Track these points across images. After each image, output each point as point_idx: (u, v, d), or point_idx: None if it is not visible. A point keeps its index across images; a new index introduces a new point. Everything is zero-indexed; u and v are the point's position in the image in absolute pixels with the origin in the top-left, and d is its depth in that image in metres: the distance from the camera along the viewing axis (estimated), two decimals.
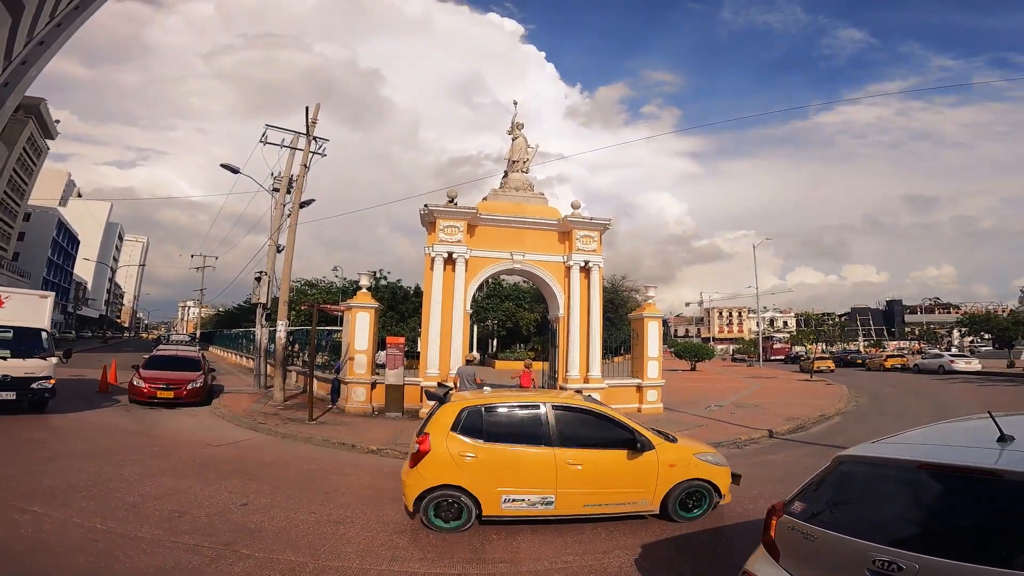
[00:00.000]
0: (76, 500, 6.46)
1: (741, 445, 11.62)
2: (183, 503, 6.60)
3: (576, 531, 6.13)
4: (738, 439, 11.90)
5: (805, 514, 3.05)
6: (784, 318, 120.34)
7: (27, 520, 5.70)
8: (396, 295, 36.84)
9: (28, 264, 70.36)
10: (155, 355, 18.05)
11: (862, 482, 3.03)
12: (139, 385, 15.02)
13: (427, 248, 15.43)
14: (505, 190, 17.26)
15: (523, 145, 17.99)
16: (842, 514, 2.96)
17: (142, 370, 15.91)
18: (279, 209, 21.05)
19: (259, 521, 6.10)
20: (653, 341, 16.59)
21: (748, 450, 11.25)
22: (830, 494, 3.12)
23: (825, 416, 15.58)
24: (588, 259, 16.00)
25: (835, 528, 2.83)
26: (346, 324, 15.93)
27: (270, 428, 12.24)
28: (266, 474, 8.31)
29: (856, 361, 49.97)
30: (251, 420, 13.04)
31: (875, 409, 17.75)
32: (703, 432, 12.67)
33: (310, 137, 19.30)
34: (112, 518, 5.92)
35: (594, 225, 16.30)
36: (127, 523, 5.82)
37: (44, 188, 77.95)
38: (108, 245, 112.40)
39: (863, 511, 2.94)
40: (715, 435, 12.12)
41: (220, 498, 6.89)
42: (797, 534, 3.02)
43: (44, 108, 60.16)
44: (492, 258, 16.01)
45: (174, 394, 15.05)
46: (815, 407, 17.06)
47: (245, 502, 6.76)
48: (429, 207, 15.39)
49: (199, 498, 6.84)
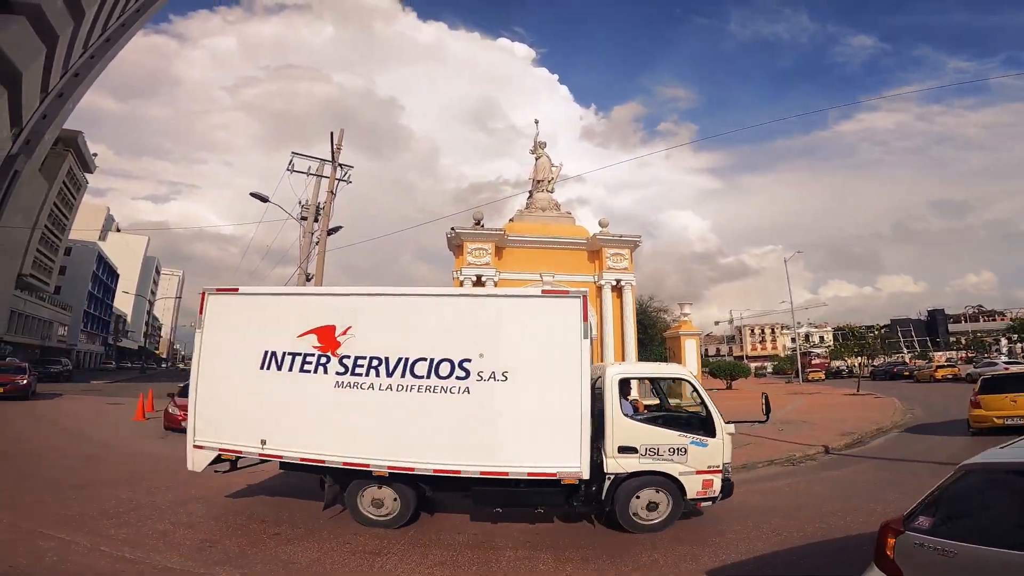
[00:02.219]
0: (105, 528, 6.32)
1: (796, 462, 11.01)
2: (213, 532, 6.41)
3: None
4: (792, 456, 11.29)
5: (936, 530, 2.80)
6: (820, 332, 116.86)
7: (52, 547, 5.58)
8: None
9: (69, 297, 73.00)
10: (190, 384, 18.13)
11: (1000, 491, 2.77)
12: (174, 413, 15.05)
13: (455, 272, 15.29)
14: (531, 210, 17.13)
15: (547, 164, 17.90)
16: (984, 526, 2.73)
17: (177, 398, 15.95)
18: (307, 237, 21.33)
19: (290, 551, 5.85)
20: (691, 359, 16.02)
21: (805, 467, 10.67)
22: (964, 505, 2.86)
23: (882, 429, 14.78)
24: (620, 278, 15.64)
25: (981, 542, 2.57)
26: None
27: None
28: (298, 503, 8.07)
29: (903, 373, 47.92)
30: None
31: (933, 421, 16.74)
32: (750, 451, 12.09)
33: (335, 163, 19.50)
34: (143, 547, 5.75)
35: (624, 242, 15.98)
36: (158, 552, 5.63)
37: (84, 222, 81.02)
38: (146, 278, 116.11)
39: (1010, 521, 2.66)
40: (764, 453, 11.54)
41: (252, 527, 6.68)
42: (929, 552, 2.75)
43: (82, 141, 62.41)
44: (522, 280, 15.75)
45: None
46: (868, 421, 16.22)
47: (277, 532, 6.53)
48: (456, 230, 15.31)
49: (230, 527, 6.65)
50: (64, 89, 49.71)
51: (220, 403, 7.11)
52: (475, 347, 6.66)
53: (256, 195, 21.50)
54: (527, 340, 6.70)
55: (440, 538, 6.47)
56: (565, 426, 6.44)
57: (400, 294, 7.27)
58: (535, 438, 6.50)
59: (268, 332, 7.12)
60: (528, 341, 6.68)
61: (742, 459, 11.07)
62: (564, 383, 6.53)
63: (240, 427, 7.02)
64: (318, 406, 6.81)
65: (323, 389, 6.77)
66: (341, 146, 19.93)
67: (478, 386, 6.56)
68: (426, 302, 7.28)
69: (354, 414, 6.72)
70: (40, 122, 49.28)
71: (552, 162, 18.07)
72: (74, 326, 75.07)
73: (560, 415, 6.48)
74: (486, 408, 6.53)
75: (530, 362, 6.63)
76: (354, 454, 6.59)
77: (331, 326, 6.92)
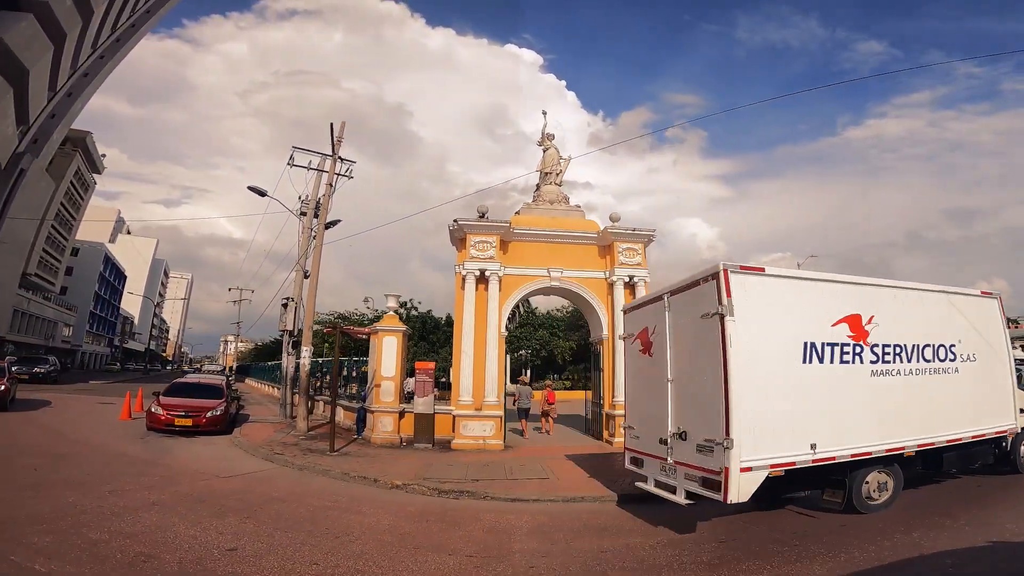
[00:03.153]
0: (28, 535, 5.40)
1: None
2: (157, 545, 5.47)
3: None
4: None
5: None
6: None
7: None
8: (427, 325, 35.94)
9: (75, 298, 72.78)
10: (176, 382, 17.31)
11: None
12: (156, 412, 14.22)
13: (457, 266, 14.38)
14: (538, 203, 16.21)
15: (555, 156, 17.02)
16: None
17: (162, 397, 15.16)
18: (306, 233, 20.62)
19: (242, 572, 4.90)
20: None
21: None
22: None
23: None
24: (632, 274, 14.66)
25: None
26: (372, 349, 14.89)
27: (287, 459, 11.11)
28: (269, 512, 7.12)
29: None
30: (268, 451, 11.97)
31: None
32: None
33: (335, 156, 18.77)
34: (62, 558, 4.83)
35: (637, 237, 15.01)
36: (78, 565, 4.71)
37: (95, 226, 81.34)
38: (154, 281, 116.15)
39: None
40: None
41: (205, 540, 5.73)
42: None
43: (90, 141, 62.18)
44: (528, 276, 14.84)
45: (192, 422, 14.19)
46: None
47: (234, 547, 5.57)
48: (459, 222, 14.42)
49: (179, 539, 5.69)
50: (73, 88, 49.63)
51: (762, 407, 6.16)
52: (953, 334, 8.08)
53: (254, 189, 20.83)
54: (976, 326, 8.35)
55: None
56: (1002, 394, 8.67)
57: (905, 287, 7.93)
58: (985, 405, 8.38)
59: (802, 320, 6.81)
60: (975, 327, 8.31)
61: None
62: (997, 359, 8.69)
63: (783, 434, 6.36)
64: (855, 397, 7.01)
65: (859, 379, 7.03)
66: (342, 139, 19.20)
67: (963, 366, 8.05)
68: (919, 295, 7.99)
69: (887, 401, 7.23)
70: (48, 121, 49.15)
71: (560, 154, 17.25)
72: (79, 326, 74.81)
73: (999, 385, 8.68)
74: (965, 384, 8.05)
75: (980, 343, 8.34)
76: (891, 439, 7.14)
77: (857, 315, 7.16)
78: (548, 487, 8.98)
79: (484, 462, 11.10)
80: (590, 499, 8.18)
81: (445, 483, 9.05)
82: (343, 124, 19.35)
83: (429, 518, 7.21)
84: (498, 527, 6.83)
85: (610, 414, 14.00)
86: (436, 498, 8.49)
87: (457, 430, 13.35)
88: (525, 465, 10.85)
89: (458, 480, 9.30)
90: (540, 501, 8.12)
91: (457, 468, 10.42)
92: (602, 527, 6.79)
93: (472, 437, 13.20)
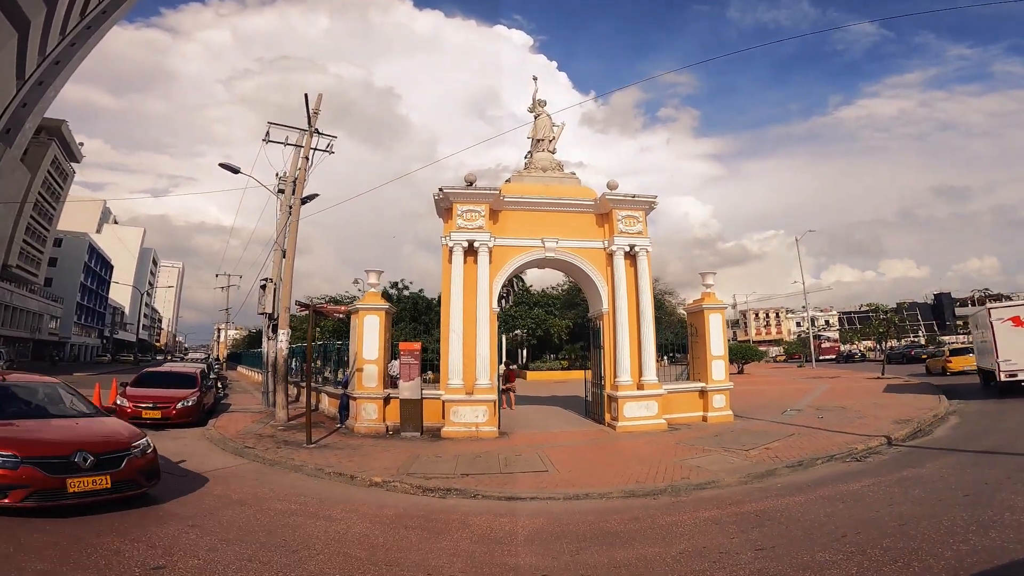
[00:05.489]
0: None
1: (860, 457, 8.92)
2: (63, 561, 4.39)
3: None
4: (854, 449, 9.19)
5: None
6: (826, 316, 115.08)
7: None
8: (418, 305, 34.80)
9: (61, 290, 71.18)
10: (146, 371, 16.20)
11: None
12: (123, 404, 13.13)
13: (443, 238, 13.22)
14: (530, 171, 14.98)
15: (547, 123, 15.74)
16: None
17: (129, 388, 14.08)
18: (284, 211, 19.39)
19: None
20: (717, 337, 13.92)
21: (874, 464, 8.50)
22: None
23: (939, 416, 12.68)
24: (633, 243, 13.53)
25: None
26: (353, 330, 13.78)
27: (257, 453, 10.06)
28: (220, 519, 6.05)
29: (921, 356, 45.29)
30: (239, 444, 10.89)
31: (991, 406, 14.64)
32: (797, 442, 10.11)
33: (312, 128, 17.47)
34: None
35: (638, 203, 13.85)
36: None
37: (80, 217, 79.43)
38: (143, 270, 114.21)
39: None
40: (815, 446, 9.50)
41: (130, 555, 4.65)
42: None
43: (66, 129, 60.41)
44: (520, 246, 13.69)
45: (162, 414, 13.11)
46: (915, 407, 14.14)
47: (162, 564, 4.50)
48: (444, 190, 13.23)
49: (97, 554, 4.60)
50: (43, 77, 47.70)
51: None
52: None
53: (226, 166, 19.48)
54: None
55: None
56: None
57: None
58: None
59: None
60: None
61: (791, 454, 9.05)
62: None
63: None
64: None
65: None
66: (319, 111, 17.95)
67: None
68: None
69: None
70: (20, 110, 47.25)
71: (553, 121, 15.98)
72: (67, 318, 73.25)
73: None
74: None
75: None
76: None
77: None
78: (547, 482, 7.96)
79: (476, 452, 10.07)
80: (595, 495, 7.16)
81: (431, 479, 8.01)
82: (320, 96, 18.10)
83: (409, 524, 6.16)
84: (490, 535, 5.78)
85: (612, 395, 12.96)
86: (420, 497, 7.46)
87: (447, 416, 12.31)
88: (521, 455, 9.83)
89: (446, 475, 8.27)
90: (538, 499, 7.09)
91: (446, 461, 9.38)
92: (611, 533, 5.74)
93: (463, 424, 12.16)
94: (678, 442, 10.87)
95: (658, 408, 12.82)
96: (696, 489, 7.44)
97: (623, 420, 12.52)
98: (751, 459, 8.91)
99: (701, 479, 7.73)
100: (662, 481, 7.69)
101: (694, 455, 9.46)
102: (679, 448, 10.21)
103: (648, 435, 11.85)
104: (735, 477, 7.86)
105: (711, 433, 11.74)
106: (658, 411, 12.80)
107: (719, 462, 8.80)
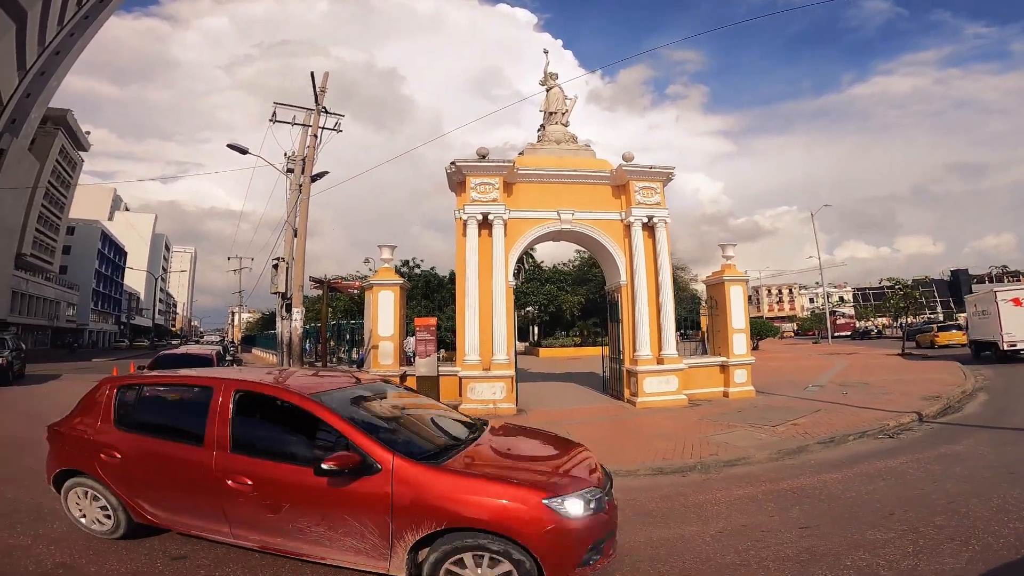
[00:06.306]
0: None
1: (892, 433, 8.60)
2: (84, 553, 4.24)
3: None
4: (885, 426, 8.86)
5: None
6: (840, 292, 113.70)
7: None
8: (430, 284, 34.64)
9: (76, 277, 71.87)
10: (163, 354, 16.16)
11: None
12: None
13: (457, 211, 12.89)
14: (543, 143, 14.54)
15: (560, 95, 15.24)
16: None
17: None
18: (294, 191, 19.15)
19: None
20: (738, 309, 13.55)
21: (907, 440, 8.20)
22: None
23: (966, 392, 12.31)
24: (652, 214, 13.12)
25: None
26: (367, 307, 13.58)
27: None
28: None
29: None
30: None
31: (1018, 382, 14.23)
32: (824, 418, 9.80)
33: (319, 107, 17.13)
34: None
35: (655, 174, 13.39)
36: None
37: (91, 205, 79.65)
38: (156, 256, 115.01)
39: None
40: (847, 422, 9.21)
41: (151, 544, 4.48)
42: None
43: (71, 118, 60.26)
44: (535, 219, 13.33)
45: None
46: (941, 383, 13.75)
47: (183, 554, 4.33)
48: (457, 163, 12.85)
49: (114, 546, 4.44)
50: (45, 67, 47.55)
51: None
52: None
53: (233, 146, 19.22)
54: None
55: None
56: None
57: None
58: None
59: None
60: None
61: (821, 430, 8.75)
62: None
63: None
64: None
65: None
66: (325, 89, 17.61)
67: None
68: None
69: None
70: (23, 100, 47.18)
71: (566, 94, 15.48)
72: (83, 305, 74.12)
73: None
74: None
75: None
76: None
77: None
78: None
79: None
80: (622, 472, 6.84)
81: None
82: (326, 74, 17.77)
83: None
84: None
85: (632, 370, 12.70)
86: None
87: (464, 393, 12.12)
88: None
89: None
90: None
91: None
92: (644, 512, 5.49)
93: (480, 401, 11.96)
94: (701, 418, 10.60)
95: (678, 383, 12.54)
96: (726, 466, 7.18)
97: (643, 395, 12.27)
98: (779, 435, 8.62)
99: (730, 455, 7.46)
100: (690, 458, 7.43)
101: (719, 431, 9.19)
102: (703, 424, 9.94)
103: (669, 411, 11.60)
104: (765, 453, 7.59)
105: (734, 409, 11.45)
106: (678, 386, 12.52)
107: (746, 438, 8.53)
